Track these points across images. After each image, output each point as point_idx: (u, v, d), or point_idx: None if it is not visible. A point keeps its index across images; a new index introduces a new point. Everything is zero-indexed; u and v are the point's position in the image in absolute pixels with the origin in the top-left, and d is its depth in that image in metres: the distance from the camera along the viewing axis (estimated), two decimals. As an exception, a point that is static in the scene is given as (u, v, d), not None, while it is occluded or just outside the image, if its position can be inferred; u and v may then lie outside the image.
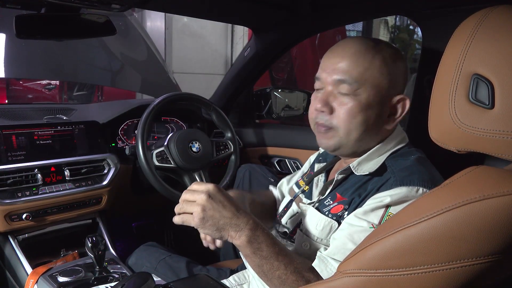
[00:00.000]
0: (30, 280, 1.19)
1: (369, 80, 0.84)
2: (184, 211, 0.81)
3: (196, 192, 0.80)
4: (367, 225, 0.77)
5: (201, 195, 0.79)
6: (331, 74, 0.86)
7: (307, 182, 1.03)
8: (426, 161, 0.86)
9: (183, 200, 0.82)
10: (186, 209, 0.80)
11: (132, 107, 1.64)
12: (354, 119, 0.84)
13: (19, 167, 1.27)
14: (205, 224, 0.79)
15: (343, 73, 0.84)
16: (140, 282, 0.71)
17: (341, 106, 0.85)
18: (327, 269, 0.79)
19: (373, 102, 0.84)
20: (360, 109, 0.84)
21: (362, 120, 0.84)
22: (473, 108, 0.47)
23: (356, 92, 0.84)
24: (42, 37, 1.25)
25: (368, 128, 0.86)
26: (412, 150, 0.88)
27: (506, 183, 0.43)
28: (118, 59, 2.80)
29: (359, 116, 0.84)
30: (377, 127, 0.87)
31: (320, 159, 1.08)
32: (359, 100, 0.84)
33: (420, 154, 0.87)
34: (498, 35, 0.47)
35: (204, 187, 0.80)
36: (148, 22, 4.84)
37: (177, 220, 0.82)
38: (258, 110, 1.89)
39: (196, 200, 0.79)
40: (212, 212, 0.78)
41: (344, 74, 0.84)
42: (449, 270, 0.44)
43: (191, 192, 0.81)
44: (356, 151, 0.89)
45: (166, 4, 1.41)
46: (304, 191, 1.03)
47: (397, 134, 0.91)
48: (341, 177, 0.91)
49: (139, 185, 1.59)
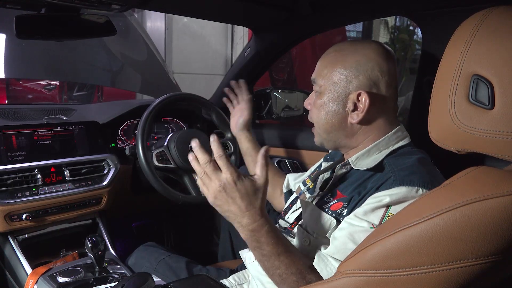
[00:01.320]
0: (30, 280, 1.19)
1: (327, 77, 0.92)
2: (203, 180, 0.82)
3: (214, 174, 0.80)
4: (368, 226, 0.77)
5: (215, 182, 0.80)
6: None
7: (313, 179, 1.04)
8: (428, 162, 0.86)
9: (203, 170, 0.81)
10: (204, 181, 0.82)
11: (132, 108, 1.64)
12: (320, 112, 0.94)
13: (19, 167, 1.27)
14: (215, 204, 0.82)
15: (315, 73, 0.96)
16: (140, 282, 0.71)
17: (313, 103, 0.96)
18: (327, 268, 0.79)
19: (332, 97, 0.92)
20: (322, 104, 0.93)
21: (325, 113, 0.93)
22: (473, 108, 0.47)
23: (320, 89, 0.94)
24: (42, 37, 1.25)
25: (332, 121, 0.93)
26: (414, 150, 0.89)
27: (506, 183, 0.43)
28: (118, 60, 2.81)
29: (322, 109, 0.93)
30: (341, 120, 0.93)
31: (328, 158, 1.10)
32: (322, 96, 0.93)
33: (423, 155, 0.87)
34: (498, 35, 0.47)
35: (224, 176, 0.80)
36: (148, 23, 4.84)
37: (200, 183, 0.84)
38: (258, 110, 1.89)
39: (212, 181, 0.80)
40: (221, 203, 0.81)
41: (315, 74, 0.96)
42: (449, 270, 0.44)
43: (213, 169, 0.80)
44: (336, 146, 0.97)
45: (166, 5, 1.41)
46: (310, 188, 1.03)
47: (398, 133, 0.92)
48: (341, 172, 0.92)
49: (139, 185, 1.59)
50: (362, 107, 0.89)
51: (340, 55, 0.93)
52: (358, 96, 0.89)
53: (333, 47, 0.96)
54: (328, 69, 0.93)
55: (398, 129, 0.92)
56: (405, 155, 0.87)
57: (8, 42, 2.32)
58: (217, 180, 0.80)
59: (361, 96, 0.89)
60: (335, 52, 0.94)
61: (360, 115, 0.89)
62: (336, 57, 0.93)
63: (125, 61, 2.82)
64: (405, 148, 0.90)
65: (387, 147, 0.90)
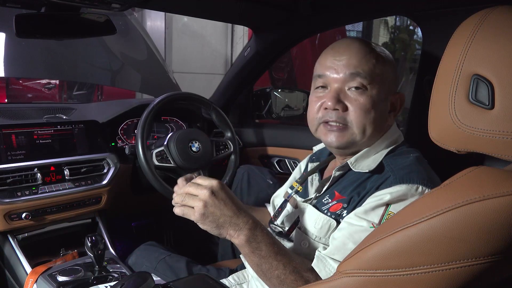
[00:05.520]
0: (30, 279, 1.19)
1: (378, 75, 0.86)
2: (186, 204, 0.81)
3: (199, 187, 0.80)
4: (367, 225, 0.77)
5: (204, 191, 0.79)
6: (342, 70, 0.86)
7: (301, 182, 1.04)
8: (424, 161, 0.87)
9: (185, 192, 0.82)
10: (187, 202, 0.80)
11: (132, 107, 1.64)
12: (369, 114, 0.85)
13: (19, 166, 1.27)
14: (205, 220, 0.79)
15: (355, 67, 0.85)
16: (139, 282, 0.71)
17: (354, 102, 0.86)
18: (326, 269, 0.79)
19: (381, 97, 0.86)
20: (373, 105, 0.85)
21: (375, 116, 0.86)
22: (473, 108, 0.47)
23: (367, 87, 0.85)
24: (42, 37, 1.25)
25: (378, 124, 0.87)
26: (410, 150, 0.89)
27: (505, 183, 0.43)
28: (118, 59, 2.80)
29: (372, 111, 0.86)
30: (383, 123, 0.89)
31: (313, 159, 1.08)
32: (370, 95, 0.85)
33: (418, 154, 0.88)
34: (498, 35, 0.47)
35: (208, 183, 0.80)
36: (148, 22, 4.83)
37: (178, 212, 0.82)
38: (258, 110, 1.89)
39: (199, 195, 0.79)
40: (213, 209, 0.79)
41: (356, 68, 0.85)
42: (449, 270, 0.44)
43: (195, 186, 0.81)
44: (362, 148, 0.90)
45: (166, 4, 1.41)
46: (298, 191, 1.03)
47: (394, 132, 0.93)
48: (339, 173, 0.91)
49: (138, 184, 1.59)
50: (399, 108, 0.89)
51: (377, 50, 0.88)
52: (397, 97, 0.90)
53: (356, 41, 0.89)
54: (378, 64, 0.86)
55: (393, 128, 0.92)
56: (403, 154, 0.87)
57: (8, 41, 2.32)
58: (201, 189, 0.80)
59: (400, 97, 0.90)
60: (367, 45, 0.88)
61: (396, 116, 0.90)
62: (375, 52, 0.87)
63: (125, 61, 2.82)
64: (402, 147, 0.91)
65: (386, 147, 0.90)
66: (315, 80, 0.93)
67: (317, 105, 0.90)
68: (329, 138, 0.90)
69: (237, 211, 0.80)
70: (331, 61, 0.88)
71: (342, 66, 0.86)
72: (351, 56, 0.86)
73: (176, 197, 0.83)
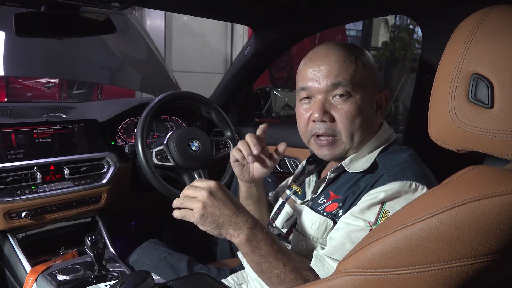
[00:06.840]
0: (29, 278, 1.19)
1: (359, 80, 0.86)
2: (185, 206, 0.81)
3: (197, 189, 0.81)
4: (364, 224, 0.78)
5: (202, 192, 0.79)
6: (324, 80, 0.87)
7: (299, 183, 1.04)
8: (418, 158, 0.87)
9: (184, 195, 0.82)
10: (186, 205, 0.81)
11: (131, 106, 1.64)
12: (355, 121, 0.87)
13: (19, 165, 1.27)
14: (205, 221, 0.79)
15: (335, 77, 0.86)
16: (139, 281, 0.71)
17: (340, 111, 0.87)
18: (324, 268, 0.79)
19: (366, 101, 0.87)
20: (358, 111, 0.86)
21: (361, 121, 0.87)
22: (473, 107, 0.47)
23: (350, 94, 0.86)
24: (42, 35, 1.25)
25: (366, 128, 0.89)
26: (403, 148, 0.90)
27: (505, 182, 0.43)
28: (118, 58, 2.80)
29: (358, 117, 0.87)
30: (371, 125, 0.90)
31: (310, 161, 1.08)
32: (355, 101, 0.86)
33: (412, 152, 0.88)
34: (497, 34, 0.47)
35: (206, 184, 0.81)
36: (148, 21, 4.83)
37: (177, 215, 0.83)
38: (257, 109, 1.89)
39: (197, 197, 0.80)
40: (212, 209, 0.79)
41: (337, 77, 0.86)
42: (448, 269, 0.44)
43: (193, 188, 0.82)
44: (355, 151, 0.91)
45: (166, 3, 1.41)
46: (296, 193, 1.03)
47: (385, 130, 0.93)
48: (334, 175, 0.92)
49: (138, 183, 1.59)
50: (385, 105, 0.89)
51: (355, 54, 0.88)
52: (381, 95, 0.90)
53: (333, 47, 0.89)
54: (358, 69, 0.86)
55: (384, 127, 0.93)
56: (396, 152, 0.88)
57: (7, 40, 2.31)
58: (199, 191, 0.80)
59: (384, 95, 0.90)
60: (345, 51, 0.88)
61: (383, 114, 0.90)
62: (354, 56, 0.87)
63: (124, 60, 2.82)
64: (394, 145, 0.91)
65: (378, 147, 0.90)
66: (299, 93, 0.93)
67: (305, 117, 0.91)
68: (321, 152, 0.92)
69: (236, 210, 0.80)
70: (311, 72, 0.89)
71: (323, 77, 0.87)
72: (330, 65, 0.86)
73: (175, 200, 0.84)
